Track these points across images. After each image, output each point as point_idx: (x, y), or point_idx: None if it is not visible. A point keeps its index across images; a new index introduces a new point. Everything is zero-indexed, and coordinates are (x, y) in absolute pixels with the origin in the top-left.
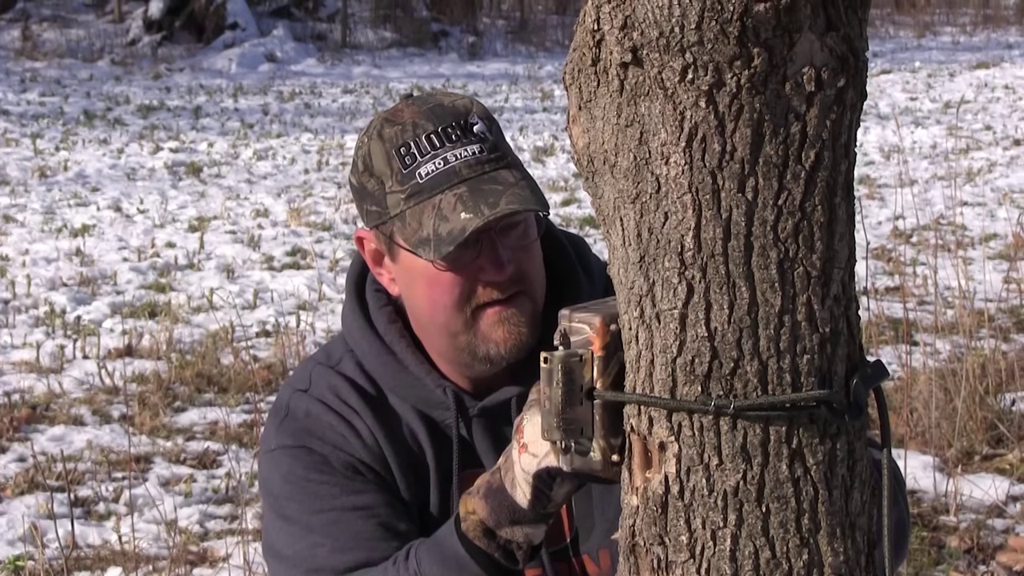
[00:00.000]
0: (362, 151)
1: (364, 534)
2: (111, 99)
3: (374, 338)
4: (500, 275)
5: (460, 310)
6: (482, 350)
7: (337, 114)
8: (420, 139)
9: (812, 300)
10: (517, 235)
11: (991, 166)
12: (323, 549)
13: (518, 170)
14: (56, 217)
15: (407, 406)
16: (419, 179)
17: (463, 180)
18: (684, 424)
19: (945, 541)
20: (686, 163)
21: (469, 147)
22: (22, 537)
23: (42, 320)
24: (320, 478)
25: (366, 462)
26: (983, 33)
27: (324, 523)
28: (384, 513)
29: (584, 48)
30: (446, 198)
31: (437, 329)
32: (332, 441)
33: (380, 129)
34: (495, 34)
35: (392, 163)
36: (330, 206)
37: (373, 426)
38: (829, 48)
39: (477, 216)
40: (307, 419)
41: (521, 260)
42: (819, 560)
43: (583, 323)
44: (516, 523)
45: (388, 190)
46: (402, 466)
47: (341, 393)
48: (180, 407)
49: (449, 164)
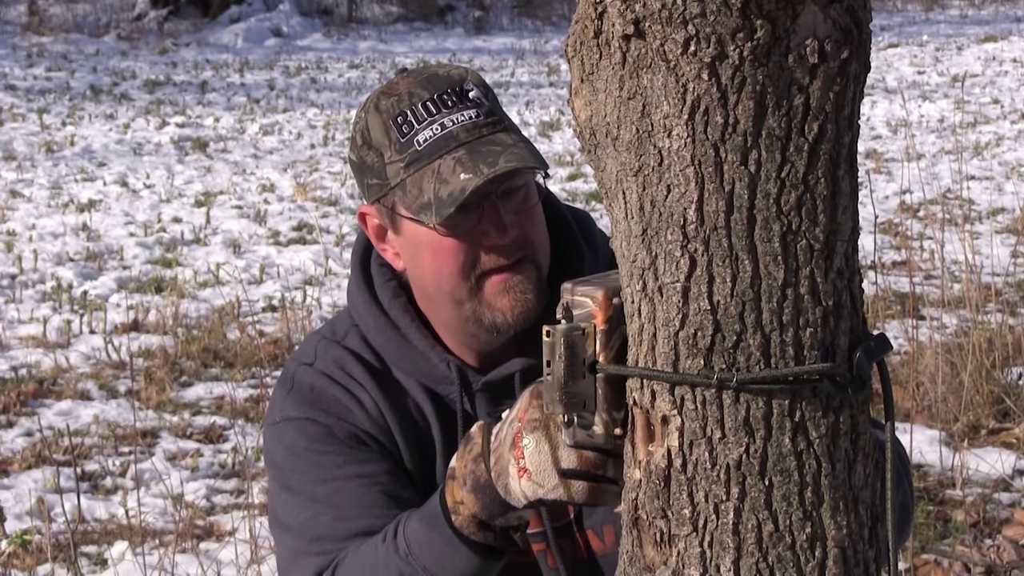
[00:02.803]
0: (359, 126)
1: (366, 501)
2: (117, 74)
3: (379, 313)
4: (503, 238)
5: (465, 277)
6: (488, 318)
7: (343, 89)
8: (416, 107)
9: (815, 273)
10: (518, 199)
11: (999, 140)
12: (326, 518)
13: (515, 133)
14: (63, 192)
15: (412, 380)
16: (417, 146)
17: (461, 144)
18: (687, 397)
19: (951, 515)
20: (688, 136)
21: (466, 112)
22: (29, 511)
23: (49, 295)
24: (324, 448)
25: (370, 433)
26: (991, 6)
27: (327, 492)
28: (387, 481)
29: (586, 20)
30: (445, 162)
31: (443, 298)
32: (336, 412)
33: (376, 102)
34: (501, 8)
35: (390, 133)
36: (336, 181)
37: (378, 398)
38: (832, 20)
39: (476, 175)
40: (311, 392)
41: (524, 224)
42: (822, 533)
43: (585, 296)
44: (510, 511)
45: (387, 160)
46: (407, 438)
47: (346, 366)
48: (186, 382)
49: (446, 129)
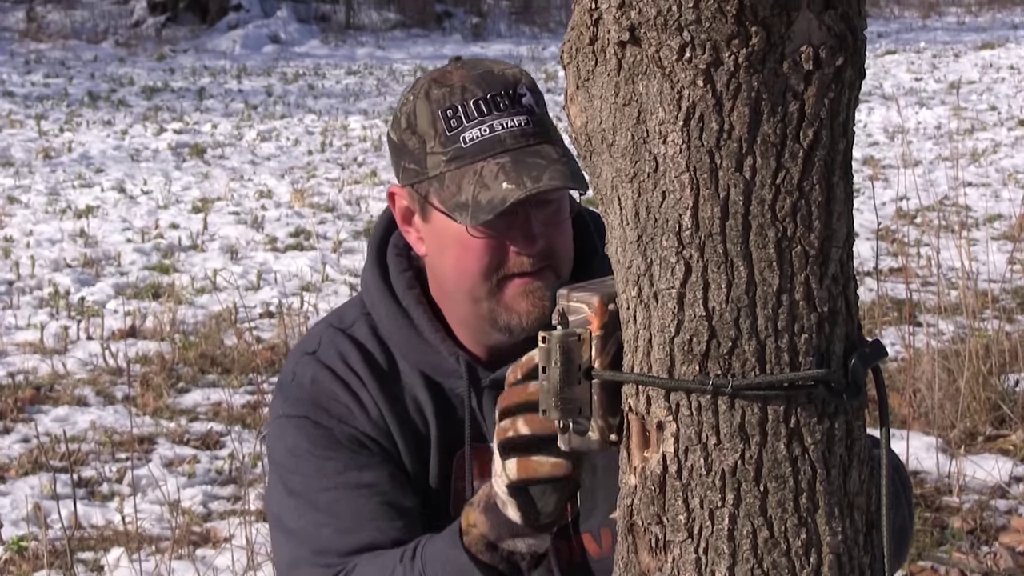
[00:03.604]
0: (406, 108)
1: (368, 514)
2: (115, 80)
3: (392, 301)
4: (530, 248)
5: (487, 278)
6: (503, 319)
7: (341, 95)
8: (468, 104)
9: (810, 279)
10: (551, 211)
11: (996, 147)
12: (328, 529)
13: (560, 146)
14: (60, 198)
15: (416, 374)
16: (463, 143)
17: (507, 150)
18: (682, 403)
19: (948, 522)
20: (684, 142)
21: (516, 117)
22: (26, 518)
23: (46, 301)
24: (325, 453)
25: (371, 435)
26: (988, 13)
27: (329, 501)
28: (389, 490)
29: (582, 27)
30: (488, 166)
31: (461, 294)
32: (337, 414)
33: (428, 89)
34: (499, 15)
35: (437, 124)
36: (333, 187)
37: (378, 397)
38: (827, 26)
39: (519, 188)
40: (312, 387)
41: (551, 236)
42: (817, 539)
43: (581, 302)
44: (517, 536)
45: (429, 150)
46: (406, 437)
47: (349, 360)
48: (183, 388)
49: (494, 132)
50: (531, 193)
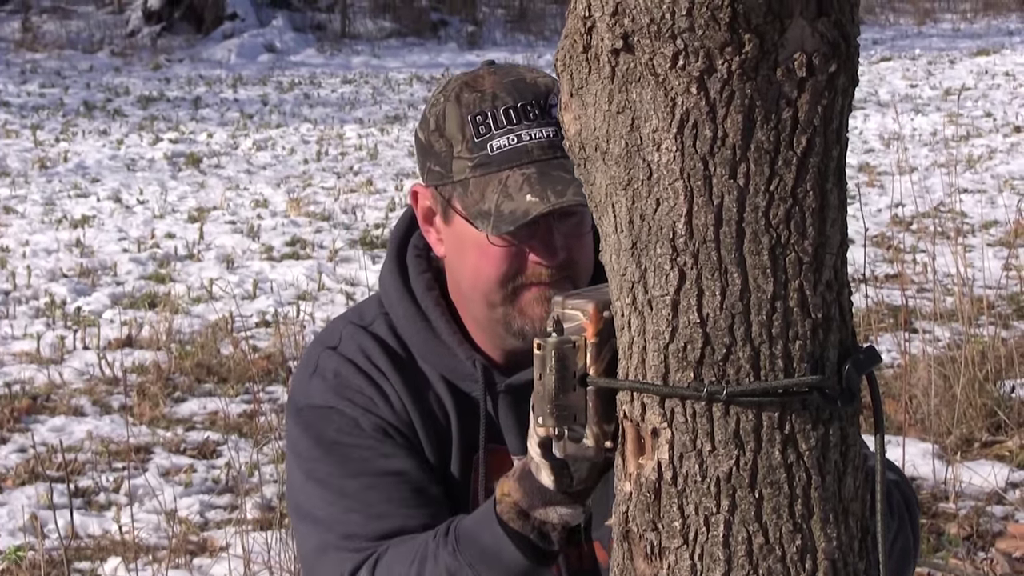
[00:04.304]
0: (436, 109)
1: (397, 500)
2: (111, 90)
3: (411, 303)
4: (551, 260)
5: (503, 285)
6: (517, 324)
7: (336, 104)
8: (498, 111)
9: (804, 286)
10: (573, 223)
11: (991, 153)
12: (357, 515)
13: None
14: (56, 208)
15: (436, 374)
16: (489, 151)
17: (533, 161)
18: (677, 410)
19: (944, 528)
20: (677, 149)
21: (544, 129)
22: (23, 527)
23: (42, 311)
24: (351, 441)
25: (395, 425)
26: (983, 20)
27: (358, 488)
28: (416, 478)
29: (575, 35)
30: (513, 176)
31: (477, 297)
32: (361, 404)
33: (459, 92)
34: (494, 23)
35: (465, 129)
36: (329, 196)
37: (401, 390)
38: (820, 34)
39: (543, 202)
40: (336, 379)
41: (572, 248)
42: (812, 546)
43: (576, 310)
44: (549, 504)
45: (455, 155)
46: (428, 432)
47: (371, 355)
48: (180, 397)
49: (522, 142)
50: (554, 208)
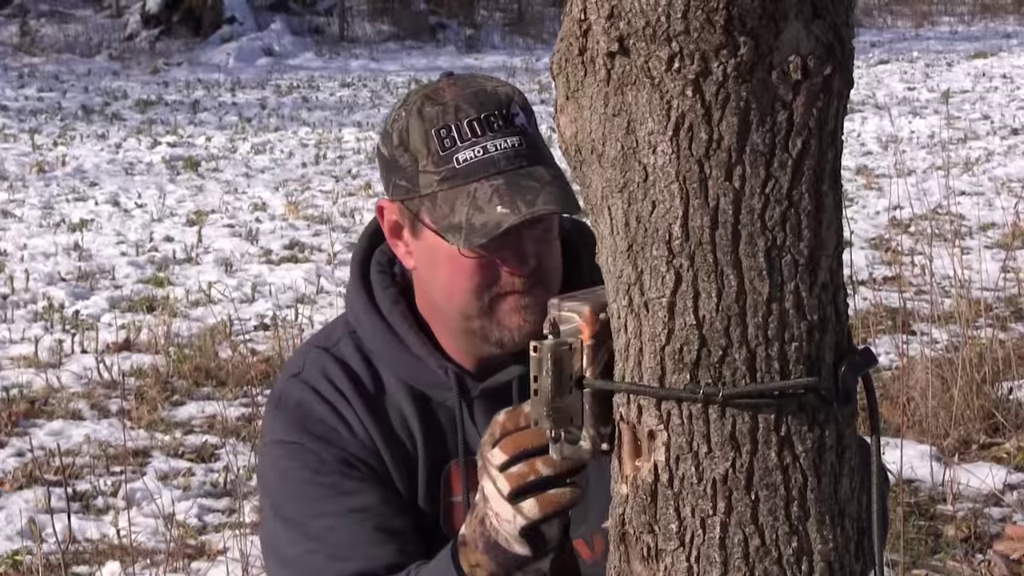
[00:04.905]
0: (398, 124)
1: (360, 539)
2: (109, 94)
3: (377, 318)
4: (523, 269)
5: (479, 297)
6: (495, 335)
7: (335, 108)
8: (462, 124)
9: (800, 288)
10: (541, 229)
11: (989, 155)
12: (319, 556)
13: (552, 167)
14: (54, 212)
15: (403, 389)
16: (456, 164)
17: (500, 172)
18: (673, 412)
19: (942, 530)
20: (673, 152)
21: (509, 139)
22: (20, 532)
23: (40, 315)
24: (315, 478)
25: (359, 456)
26: (981, 23)
27: (320, 528)
28: (380, 512)
29: (571, 38)
30: (482, 188)
31: (452, 310)
32: (324, 436)
33: (420, 106)
34: (492, 27)
35: (430, 143)
36: (328, 199)
37: (364, 417)
38: (815, 36)
39: (514, 212)
40: (298, 410)
41: (542, 255)
42: (808, 547)
43: (572, 312)
44: (524, 566)
45: (421, 168)
46: (394, 457)
47: (334, 379)
48: (178, 401)
49: (488, 153)
50: (525, 218)
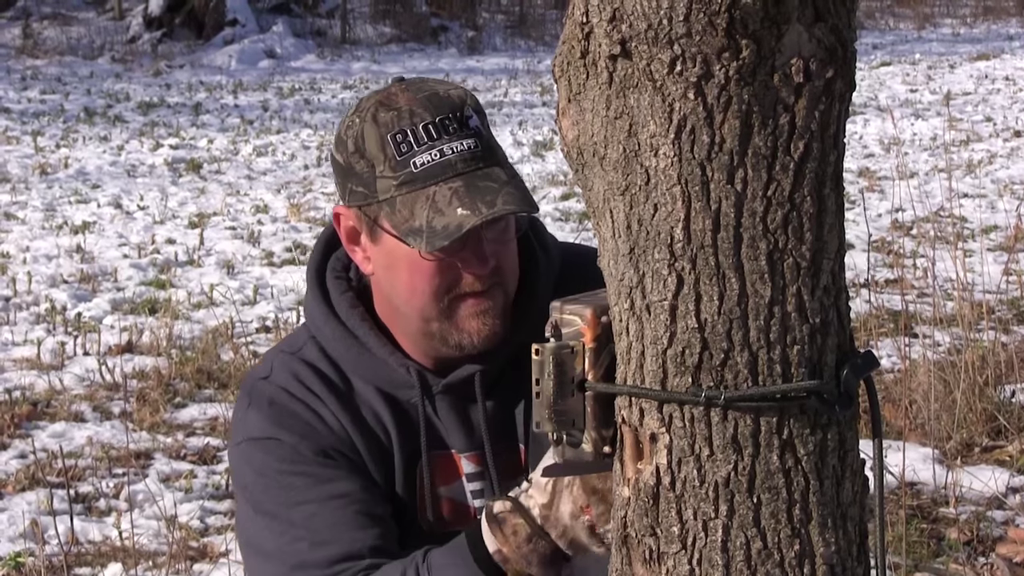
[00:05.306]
0: (352, 131)
1: (343, 524)
2: (111, 96)
3: (337, 324)
4: (483, 269)
5: (439, 299)
6: (455, 338)
7: (337, 110)
8: (417, 128)
9: (802, 291)
10: (499, 230)
11: (991, 158)
12: (304, 543)
13: (507, 168)
14: (57, 214)
15: (371, 388)
16: (413, 168)
17: (458, 174)
18: (675, 415)
19: (945, 533)
20: (675, 155)
21: (464, 141)
22: (23, 533)
23: (43, 317)
24: (293, 469)
25: (336, 448)
26: (983, 25)
27: (303, 516)
28: (361, 498)
29: (573, 41)
30: (441, 191)
31: (412, 313)
32: (299, 430)
33: (375, 112)
34: (494, 29)
35: (386, 149)
36: (330, 202)
37: (337, 411)
38: (817, 39)
39: (475, 214)
40: (271, 408)
41: (500, 254)
42: (810, 551)
43: (574, 315)
44: None
45: (379, 174)
46: (369, 448)
47: (304, 379)
48: (180, 403)
49: (445, 156)
50: (486, 219)
